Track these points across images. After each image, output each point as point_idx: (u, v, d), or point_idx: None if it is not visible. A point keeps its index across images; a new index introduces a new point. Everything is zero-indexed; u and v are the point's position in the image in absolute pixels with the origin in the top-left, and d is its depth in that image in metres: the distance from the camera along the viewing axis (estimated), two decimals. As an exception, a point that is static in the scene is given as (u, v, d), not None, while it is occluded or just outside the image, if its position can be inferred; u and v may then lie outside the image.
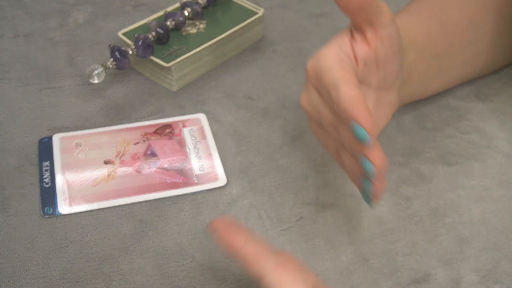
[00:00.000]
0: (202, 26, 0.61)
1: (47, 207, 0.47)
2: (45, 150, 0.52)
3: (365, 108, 0.38)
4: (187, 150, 0.52)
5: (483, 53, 0.56)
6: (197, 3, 0.63)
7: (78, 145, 0.52)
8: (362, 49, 0.42)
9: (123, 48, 0.56)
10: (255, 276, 0.34)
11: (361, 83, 0.44)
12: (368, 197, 0.40)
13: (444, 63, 0.53)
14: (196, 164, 0.51)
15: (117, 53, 0.56)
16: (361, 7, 0.40)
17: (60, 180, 0.49)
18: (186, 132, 0.54)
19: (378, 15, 0.41)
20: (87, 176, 0.49)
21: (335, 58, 0.41)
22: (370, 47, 0.42)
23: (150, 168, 0.50)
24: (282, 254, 0.35)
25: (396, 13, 0.53)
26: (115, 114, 0.56)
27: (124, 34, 0.59)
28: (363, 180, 0.40)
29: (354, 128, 0.37)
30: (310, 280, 0.34)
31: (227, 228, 0.36)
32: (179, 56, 0.57)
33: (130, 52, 0.56)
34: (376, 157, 0.38)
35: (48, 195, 0.48)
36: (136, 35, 0.57)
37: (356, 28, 0.42)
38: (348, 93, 0.38)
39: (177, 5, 0.63)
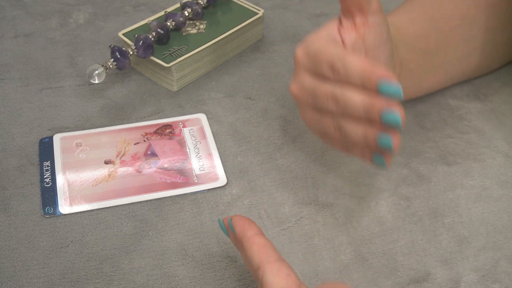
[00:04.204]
0: (202, 26, 0.62)
1: (47, 207, 0.47)
2: (45, 150, 0.52)
3: (383, 66, 0.37)
4: (187, 150, 0.52)
5: (477, 50, 0.56)
6: (197, 3, 0.63)
7: (78, 145, 0.52)
8: (350, 35, 0.43)
9: (124, 48, 0.57)
10: (255, 265, 0.36)
11: None
12: (389, 148, 0.38)
13: (437, 60, 0.53)
14: (196, 164, 0.51)
15: (117, 53, 0.56)
16: None
17: (60, 180, 0.49)
18: (186, 132, 0.54)
19: (367, 2, 0.42)
20: (88, 176, 0.50)
21: (326, 40, 0.42)
22: (358, 33, 0.43)
23: (150, 168, 0.50)
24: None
25: (389, 13, 0.54)
26: (116, 114, 0.56)
27: (124, 34, 0.60)
28: (381, 136, 0.38)
29: (384, 86, 0.37)
30: (299, 283, 0.36)
31: (244, 218, 0.39)
32: (179, 56, 0.57)
33: (131, 52, 0.56)
34: (400, 108, 0.37)
35: (49, 195, 0.48)
36: (136, 35, 0.57)
37: (345, 15, 0.43)
38: (357, 59, 0.38)
39: (177, 5, 0.63)
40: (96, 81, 0.55)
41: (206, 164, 0.51)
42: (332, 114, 0.41)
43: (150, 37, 0.57)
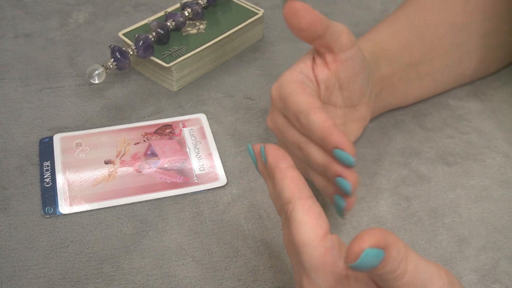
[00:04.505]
0: (202, 26, 0.62)
1: (47, 207, 0.47)
2: (45, 150, 0.52)
3: (341, 133, 0.39)
4: (187, 150, 0.52)
5: (472, 55, 0.55)
6: (197, 3, 0.63)
7: (78, 145, 0.52)
8: (322, 72, 0.44)
9: (124, 48, 0.57)
10: (285, 198, 0.34)
11: (326, 104, 0.46)
12: (340, 210, 0.41)
13: (422, 70, 0.53)
14: (196, 164, 0.51)
15: (117, 53, 0.56)
16: (315, 36, 0.42)
17: (60, 180, 0.49)
18: (186, 132, 0.54)
19: (335, 40, 0.43)
20: (88, 176, 0.50)
21: (298, 83, 0.42)
22: (330, 71, 0.44)
23: (150, 168, 0.50)
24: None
25: (373, 27, 0.54)
26: (116, 114, 0.56)
27: (124, 34, 0.60)
28: (336, 197, 0.41)
29: (337, 154, 0.39)
30: (327, 226, 0.33)
31: (278, 148, 0.36)
32: (179, 56, 0.57)
33: (131, 52, 0.56)
34: (352, 177, 0.39)
35: (49, 195, 0.48)
36: (136, 35, 0.57)
37: (316, 52, 0.44)
38: (319, 118, 0.40)
39: (177, 5, 0.63)
40: (96, 81, 0.55)
41: (206, 164, 0.51)
42: (298, 157, 0.44)
43: (150, 37, 0.57)
